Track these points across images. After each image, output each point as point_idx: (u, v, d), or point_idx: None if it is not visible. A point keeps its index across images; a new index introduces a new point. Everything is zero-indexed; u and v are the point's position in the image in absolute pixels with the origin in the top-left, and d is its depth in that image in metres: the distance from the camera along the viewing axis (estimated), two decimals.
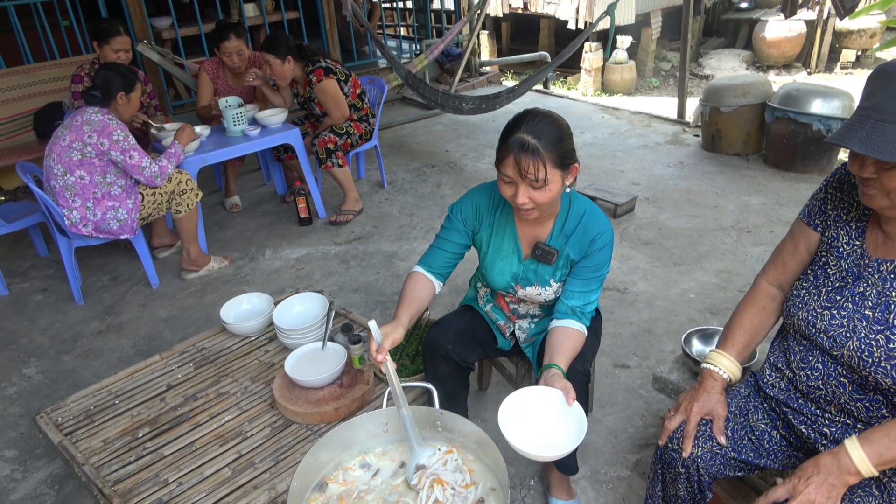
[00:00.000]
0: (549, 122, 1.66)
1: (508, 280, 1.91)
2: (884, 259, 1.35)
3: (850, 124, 1.24)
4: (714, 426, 1.55)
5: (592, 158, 5.12)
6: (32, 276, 3.88)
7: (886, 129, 1.18)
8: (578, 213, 1.82)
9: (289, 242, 4.08)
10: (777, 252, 1.62)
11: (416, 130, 6.10)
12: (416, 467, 1.56)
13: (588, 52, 7.16)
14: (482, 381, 2.60)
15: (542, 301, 1.93)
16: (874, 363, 1.31)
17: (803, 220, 1.53)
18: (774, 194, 4.31)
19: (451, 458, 1.58)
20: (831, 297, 1.40)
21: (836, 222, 1.46)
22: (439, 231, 1.97)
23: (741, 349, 1.60)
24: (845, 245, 1.42)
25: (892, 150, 1.17)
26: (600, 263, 1.80)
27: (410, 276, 1.93)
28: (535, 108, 1.70)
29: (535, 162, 1.60)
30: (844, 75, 7.50)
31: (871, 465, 1.27)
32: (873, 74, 1.24)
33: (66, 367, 3.03)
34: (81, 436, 2.03)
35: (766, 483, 1.91)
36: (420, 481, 1.53)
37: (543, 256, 1.83)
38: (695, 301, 3.20)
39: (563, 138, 1.67)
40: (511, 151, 1.62)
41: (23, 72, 4.74)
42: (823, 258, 1.47)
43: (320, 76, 3.97)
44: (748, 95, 4.75)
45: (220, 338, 2.49)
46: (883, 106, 1.19)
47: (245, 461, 1.89)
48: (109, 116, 3.13)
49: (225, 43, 4.04)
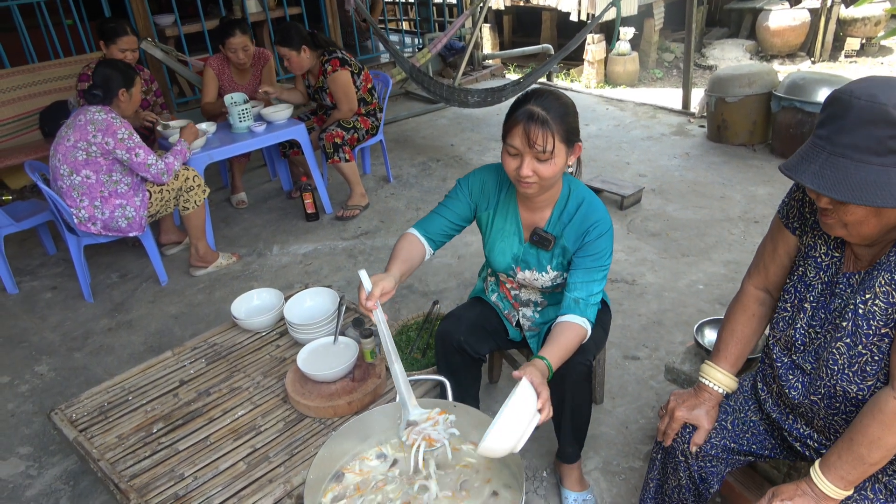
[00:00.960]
0: (556, 98, 1.67)
1: (509, 261, 1.92)
2: (853, 272, 1.32)
3: (804, 153, 1.20)
4: (696, 434, 1.55)
5: (598, 150, 5.11)
6: (42, 274, 3.89)
7: (839, 163, 1.14)
8: (577, 200, 1.82)
9: (296, 238, 4.09)
10: (759, 253, 1.58)
11: (421, 125, 6.09)
12: (406, 423, 1.56)
13: (591, 43, 7.13)
14: (492, 373, 2.61)
15: (539, 287, 1.94)
16: (839, 371, 1.30)
17: (781, 219, 1.47)
18: (781, 184, 4.30)
19: (442, 419, 1.56)
20: (818, 315, 1.36)
21: (814, 230, 1.40)
22: (442, 200, 1.95)
23: (735, 360, 1.59)
24: (823, 256, 1.37)
25: (844, 188, 1.13)
26: (600, 253, 1.78)
27: (403, 236, 1.89)
28: (543, 87, 1.71)
29: (543, 132, 1.61)
30: (849, 64, 7.47)
31: (839, 489, 1.26)
32: (829, 100, 1.18)
33: (78, 364, 3.05)
34: (96, 432, 2.05)
35: (778, 472, 1.91)
36: (409, 437, 1.52)
37: (541, 242, 1.84)
38: (703, 292, 3.20)
39: (570, 115, 1.69)
40: (520, 121, 1.63)
41: (27, 71, 4.75)
42: (802, 268, 1.42)
43: (336, 66, 3.98)
44: (754, 85, 4.74)
45: (231, 333, 2.50)
46: (836, 138, 1.15)
47: (260, 455, 1.91)
48: (113, 115, 3.12)
49: (230, 39, 4.04)
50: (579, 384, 1.85)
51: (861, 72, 6.88)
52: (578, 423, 1.96)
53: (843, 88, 1.16)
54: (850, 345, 1.28)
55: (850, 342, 1.28)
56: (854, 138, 1.13)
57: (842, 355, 1.29)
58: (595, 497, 2.11)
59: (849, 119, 1.13)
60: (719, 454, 1.56)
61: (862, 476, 1.26)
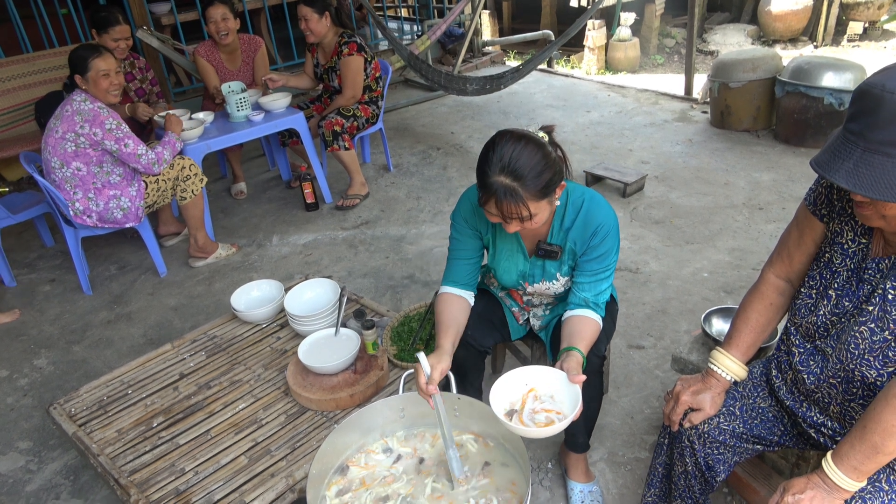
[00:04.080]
0: (527, 151, 1.54)
1: (516, 278, 1.89)
2: (882, 257, 1.29)
3: (836, 149, 1.15)
4: (695, 415, 1.53)
5: (600, 137, 5.06)
6: (40, 266, 3.86)
7: (874, 160, 1.10)
8: (576, 205, 1.76)
9: (296, 228, 4.05)
10: (783, 242, 1.54)
11: (421, 113, 6.04)
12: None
13: (591, 29, 7.05)
14: (496, 363, 2.58)
15: (552, 294, 1.92)
16: (859, 355, 1.27)
17: (809, 208, 1.44)
18: (786, 170, 4.26)
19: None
20: (842, 304, 1.33)
21: (841, 216, 1.37)
22: (450, 243, 1.91)
23: (746, 349, 1.56)
24: (850, 242, 1.34)
25: (882, 187, 1.09)
26: (605, 254, 1.75)
27: (439, 298, 1.86)
28: (507, 132, 1.59)
29: (517, 206, 1.54)
30: (852, 48, 7.39)
31: (853, 480, 1.23)
32: (858, 93, 1.13)
33: (77, 357, 3.02)
34: (95, 426, 2.02)
35: (786, 462, 1.89)
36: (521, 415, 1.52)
37: (548, 255, 1.81)
38: (708, 280, 3.16)
39: (545, 168, 1.55)
40: (492, 196, 1.55)
41: (22, 61, 4.69)
42: (828, 254, 1.39)
43: (353, 50, 3.95)
44: (757, 70, 4.67)
45: (231, 325, 2.47)
46: (870, 134, 1.10)
47: (261, 449, 1.88)
48: (99, 105, 3.04)
49: (209, 9, 3.93)
50: (592, 376, 1.83)
51: (864, 56, 6.81)
52: (590, 413, 1.96)
53: (872, 81, 1.11)
54: (873, 329, 1.25)
55: (875, 327, 1.25)
56: (889, 134, 1.09)
57: (864, 340, 1.26)
58: (601, 488, 2.09)
59: (882, 115, 1.09)
60: (727, 440, 1.53)
61: (876, 466, 1.23)
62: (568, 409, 1.50)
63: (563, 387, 1.53)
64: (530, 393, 1.55)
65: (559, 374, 1.54)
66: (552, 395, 1.54)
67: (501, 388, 1.54)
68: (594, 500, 2.02)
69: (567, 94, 6.21)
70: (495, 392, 1.52)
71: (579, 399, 1.47)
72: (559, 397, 1.53)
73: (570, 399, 1.50)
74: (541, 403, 1.52)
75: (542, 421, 1.48)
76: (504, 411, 1.50)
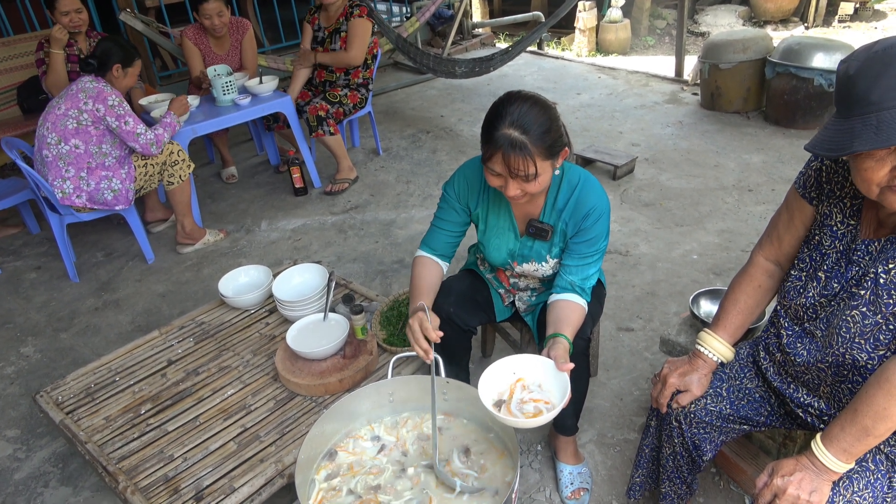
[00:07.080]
0: (535, 110, 1.56)
1: (505, 256, 1.89)
2: (871, 240, 1.28)
3: (851, 129, 1.09)
4: (682, 396, 1.54)
5: (590, 120, 5.04)
6: (25, 254, 3.82)
7: (894, 114, 1.05)
8: (571, 184, 1.76)
9: (284, 213, 4.02)
10: (772, 224, 1.54)
11: (410, 96, 5.99)
12: None
13: (582, 11, 6.99)
14: (486, 347, 2.58)
15: (539, 276, 1.91)
16: (850, 339, 1.27)
17: (798, 190, 1.43)
18: (775, 152, 4.26)
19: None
20: (830, 285, 1.33)
21: (830, 198, 1.36)
22: (436, 211, 1.92)
23: (734, 330, 1.56)
24: (839, 224, 1.34)
25: None
26: (595, 238, 1.75)
27: (416, 260, 1.89)
28: (518, 93, 1.60)
29: (524, 159, 1.53)
30: (842, 29, 7.37)
31: (842, 462, 1.24)
32: (862, 65, 1.09)
33: (64, 345, 3.00)
34: (83, 414, 2.01)
35: (773, 442, 1.90)
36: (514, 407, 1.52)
37: (538, 234, 1.80)
38: (698, 262, 3.17)
39: (552, 127, 1.57)
40: (499, 148, 1.54)
41: (2, 44, 4.60)
42: (817, 237, 1.39)
43: (364, 13, 3.96)
44: (748, 51, 4.66)
45: (219, 311, 2.46)
46: (887, 95, 1.06)
47: (250, 435, 1.88)
48: (104, 83, 3.13)
49: (204, 4, 3.90)
50: (578, 359, 1.83)
51: (855, 37, 6.80)
52: (577, 396, 1.95)
53: (873, 47, 1.09)
54: (865, 314, 1.25)
55: (867, 311, 1.25)
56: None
57: (856, 323, 1.26)
58: (590, 469, 2.10)
59: (892, 71, 1.06)
60: (713, 421, 1.54)
61: (865, 448, 1.23)
62: (556, 397, 1.49)
63: (550, 375, 1.52)
64: (518, 382, 1.54)
65: (547, 363, 1.53)
66: (540, 383, 1.53)
67: (489, 377, 1.53)
68: (584, 482, 2.03)
69: (557, 77, 6.17)
70: (483, 382, 1.52)
71: (567, 387, 1.47)
72: (547, 386, 1.53)
73: (559, 387, 1.50)
74: (529, 393, 1.51)
75: (530, 411, 1.47)
76: (492, 402, 1.49)
